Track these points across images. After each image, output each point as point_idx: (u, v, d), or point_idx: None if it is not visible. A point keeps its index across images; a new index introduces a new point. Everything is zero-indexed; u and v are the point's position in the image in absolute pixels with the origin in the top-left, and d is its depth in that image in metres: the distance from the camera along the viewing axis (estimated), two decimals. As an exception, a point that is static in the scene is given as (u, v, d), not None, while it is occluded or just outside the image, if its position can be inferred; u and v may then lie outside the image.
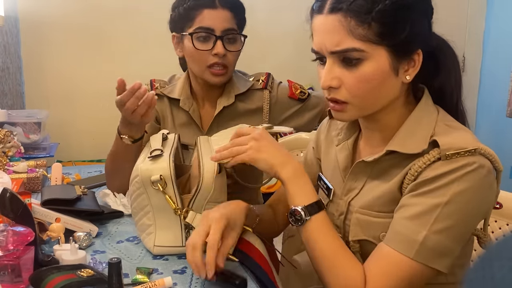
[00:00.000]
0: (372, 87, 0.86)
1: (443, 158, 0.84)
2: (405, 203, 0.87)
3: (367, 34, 0.83)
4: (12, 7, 2.41)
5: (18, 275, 0.88)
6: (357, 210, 0.96)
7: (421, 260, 0.83)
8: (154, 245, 1.06)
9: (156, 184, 1.01)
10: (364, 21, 0.82)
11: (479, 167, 0.83)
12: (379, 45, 0.83)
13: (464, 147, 0.84)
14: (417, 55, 0.87)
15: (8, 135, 1.67)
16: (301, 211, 0.92)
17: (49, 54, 2.64)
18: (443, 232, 0.83)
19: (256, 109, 1.45)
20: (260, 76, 1.48)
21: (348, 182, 0.99)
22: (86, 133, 2.73)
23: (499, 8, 2.86)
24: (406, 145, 0.89)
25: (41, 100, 2.63)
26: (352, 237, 0.96)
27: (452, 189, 0.83)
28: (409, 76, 0.88)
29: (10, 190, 0.98)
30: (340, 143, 1.04)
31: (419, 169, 0.86)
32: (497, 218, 1.19)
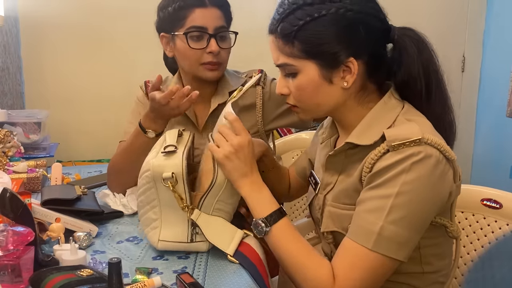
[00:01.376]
0: (308, 94, 0.97)
1: (391, 149, 0.89)
2: (363, 197, 0.92)
3: (293, 52, 0.94)
4: (12, 7, 2.40)
5: (18, 275, 0.88)
6: (329, 203, 1.02)
7: (380, 250, 0.87)
8: (159, 239, 1.06)
9: (167, 182, 1.01)
10: (288, 41, 0.94)
11: (426, 157, 0.87)
12: (306, 60, 0.94)
13: (408, 137, 0.87)
14: (350, 63, 0.93)
15: (8, 135, 1.67)
16: (262, 222, 0.99)
17: (49, 54, 2.63)
18: (398, 222, 0.87)
19: (249, 105, 1.45)
20: (253, 73, 1.49)
21: (325, 177, 1.06)
22: (86, 133, 2.72)
23: (499, 8, 2.86)
24: (362, 138, 0.95)
25: (41, 100, 2.62)
26: (324, 228, 1.03)
27: (401, 180, 0.87)
28: (347, 82, 0.94)
29: (10, 190, 0.98)
30: (324, 141, 1.12)
31: (372, 161, 0.91)
32: (497, 218, 1.19)
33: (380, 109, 0.97)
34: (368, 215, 0.89)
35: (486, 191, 1.21)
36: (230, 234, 1.06)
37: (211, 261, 1.05)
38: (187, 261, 1.05)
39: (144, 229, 1.10)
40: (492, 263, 0.34)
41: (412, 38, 0.97)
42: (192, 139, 1.19)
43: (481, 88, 2.99)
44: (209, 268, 1.02)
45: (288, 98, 1.01)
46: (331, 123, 1.11)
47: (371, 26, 0.94)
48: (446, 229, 0.97)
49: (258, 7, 2.86)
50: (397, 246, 0.88)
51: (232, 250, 1.04)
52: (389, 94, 0.98)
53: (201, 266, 1.03)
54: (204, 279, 0.97)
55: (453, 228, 0.97)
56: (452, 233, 0.98)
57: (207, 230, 1.05)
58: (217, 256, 1.05)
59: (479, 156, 2.91)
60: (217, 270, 1.01)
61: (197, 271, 1.00)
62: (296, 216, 1.88)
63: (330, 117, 1.12)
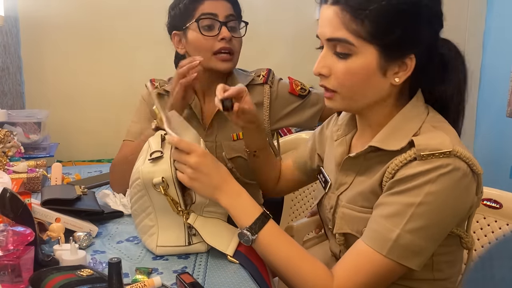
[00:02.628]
0: (358, 81, 0.89)
1: (418, 158, 0.86)
2: (382, 202, 0.89)
3: (359, 30, 0.86)
4: (12, 7, 2.40)
5: (18, 275, 0.88)
6: (344, 205, 0.99)
7: (393, 257, 0.85)
8: (157, 245, 1.05)
9: (158, 187, 1.00)
10: (357, 17, 0.85)
11: (454, 169, 0.85)
12: (369, 43, 0.86)
13: (439, 149, 0.85)
14: (409, 60, 0.88)
15: (8, 135, 1.67)
16: (247, 232, 0.95)
17: (49, 54, 2.63)
18: (416, 231, 0.85)
19: (256, 104, 1.45)
20: (261, 72, 1.49)
21: (339, 177, 1.02)
22: (86, 133, 2.72)
23: (499, 8, 2.86)
24: (388, 142, 0.92)
25: (41, 100, 2.63)
26: (337, 229, 1.00)
27: (426, 190, 0.84)
28: (399, 79, 0.90)
29: (10, 190, 0.98)
30: (338, 138, 1.07)
31: (396, 167, 0.88)
32: (497, 218, 1.19)
33: (407, 112, 0.94)
34: (386, 221, 0.87)
35: (486, 191, 1.21)
36: (228, 234, 1.06)
37: (211, 261, 1.05)
38: (187, 261, 1.05)
39: (142, 237, 1.09)
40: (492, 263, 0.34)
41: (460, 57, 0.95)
42: None
43: (481, 88, 2.99)
44: (209, 268, 1.01)
45: (326, 80, 0.93)
46: (347, 120, 1.07)
47: (435, 28, 0.91)
48: (460, 239, 0.95)
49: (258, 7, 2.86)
50: (411, 255, 0.86)
51: (232, 251, 1.04)
52: (417, 98, 0.95)
53: (201, 266, 1.03)
54: (204, 279, 0.97)
55: (468, 239, 0.95)
56: (467, 244, 0.96)
57: (205, 232, 1.04)
58: (217, 256, 1.05)
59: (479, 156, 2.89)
60: (217, 270, 1.01)
61: (197, 271, 1.00)
62: (296, 216, 1.88)
63: (347, 114, 1.08)
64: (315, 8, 3.09)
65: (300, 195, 1.87)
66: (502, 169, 2.71)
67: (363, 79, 0.89)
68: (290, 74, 1.58)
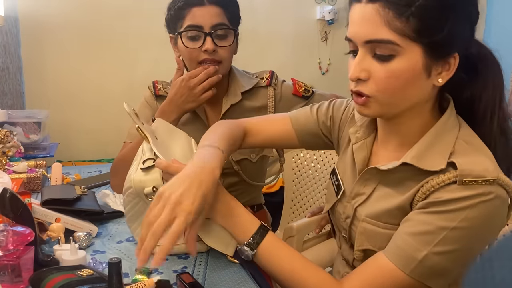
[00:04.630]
0: (401, 84, 0.82)
1: (459, 183, 0.81)
2: (412, 218, 0.85)
3: (404, 28, 0.79)
4: (12, 7, 2.40)
5: (18, 275, 0.88)
6: (364, 219, 0.93)
7: (417, 277, 0.82)
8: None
9: (150, 196, 0.99)
10: (402, 14, 0.78)
11: (495, 198, 0.80)
12: (415, 42, 0.80)
13: (483, 176, 0.80)
14: (453, 59, 0.83)
15: (8, 135, 1.67)
16: (246, 248, 0.91)
17: (49, 54, 2.64)
18: (444, 254, 0.81)
19: (261, 106, 1.45)
20: (264, 74, 1.49)
21: (356, 186, 0.96)
22: (86, 133, 2.73)
23: (499, 8, 2.86)
24: (424, 160, 0.85)
25: (41, 100, 2.63)
26: (357, 246, 0.95)
27: (463, 216, 0.80)
28: (442, 79, 0.84)
29: (10, 190, 0.98)
30: (358, 142, 0.99)
31: (432, 188, 0.83)
32: (497, 218, 1.19)
33: (442, 126, 0.88)
34: (413, 240, 0.82)
35: (486, 191, 1.21)
36: (227, 234, 1.05)
37: (211, 261, 1.05)
38: (187, 261, 1.05)
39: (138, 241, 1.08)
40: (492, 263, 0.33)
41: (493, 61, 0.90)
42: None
43: (481, 88, 2.99)
44: (209, 268, 1.01)
45: (363, 85, 0.85)
46: (368, 122, 0.99)
47: (473, 26, 0.86)
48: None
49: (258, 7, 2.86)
50: (435, 276, 0.82)
51: (232, 251, 1.04)
52: (451, 109, 0.89)
53: (201, 266, 1.03)
54: (204, 279, 0.97)
55: None
56: None
57: (204, 234, 1.03)
58: (217, 256, 1.05)
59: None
60: (217, 270, 1.01)
61: (197, 271, 1.00)
62: (296, 216, 1.88)
63: None
64: (315, 8, 3.10)
65: (300, 195, 1.87)
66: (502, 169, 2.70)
67: (407, 82, 0.82)
68: (291, 74, 1.58)
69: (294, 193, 1.87)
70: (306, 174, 1.85)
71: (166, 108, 1.32)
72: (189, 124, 1.43)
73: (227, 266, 1.02)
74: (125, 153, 1.39)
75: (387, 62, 0.81)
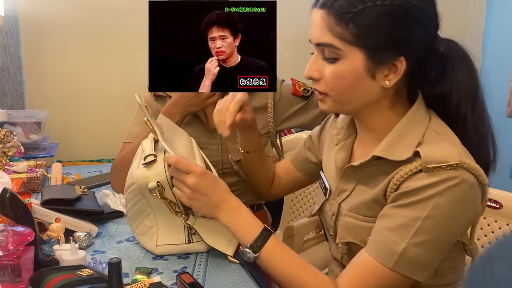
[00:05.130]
0: (346, 85, 0.88)
1: (424, 171, 0.84)
2: (387, 213, 0.88)
3: (344, 34, 0.85)
4: (12, 7, 2.40)
5: (18, 275, 0.88)
6: (346, 213, 0.97)
7: (400, 270, 0.84)
8: (157, 244, 1.05)
9: (154, 191, 1.00)
10: (342, 20, 0.84)
11: (462, 182, 0.83)
12: (355, 46, 0.85)
13: (446, 161, 0.83)
14: (399, 62, 0.86)
15: (8, 135, 1.67)
16: (248, 250, 0.94)
17: (49, 54, 2.64)
18: (422, 245, 0.83)
19: (260, 106, 1.45)
20: None
21: (340, 183, 1.00)
22: (86, 133, 2.73)
23: (499, 8, 2.86)
24: (392, 152, 0.89)
25: (41, 100, 2.63)
26: (339, 239, 0.98)
27: (433, 203, 0.83)
28: (389, 82, 0.88)
29: (10, 190, 0.98)
30: (339, 143, 1.05)
31: (401, 178, 0.86)
32: (497, 218, 1.19)
33: (410, 119, 0.92)
34: (391, 234, 0.85)
35: (486, 191, 1.22)
36: (228, 234, 1.06)
37: (211, 261, 1.05)
38: (187, 261, 1.05)
39: (140, 239, 1.08)
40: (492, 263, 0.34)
41: (461, 55, 0.92)
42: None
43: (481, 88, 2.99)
44: (209, 268, 1.01)
45: (317, 83, 0.92)
46: (348, 124, 1.05)
47: (428, 29, 0.88)
48: (464, 246, 0.94)
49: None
50: (417, 268, 0.85)
51: (232, 251, 1.04)
52: (419, 103, 0.93)
53: (201, 266, 1.03)
54: (204, 279, 0.97)
55: (472, 246, 0.94)
56: (471, 251, 0.95)
57: (205, 233, 1.04)
58: (217, 256, 1.05)
59: (479, 156, 2.90)
60: (217, 270, 1.01)
61: (197, 271, 1.00)
62: (296, 216, 1.88)
63: (347, 117, 1.06)
64: (315, 8, 3.09)
65: (300, 195, 1.87)
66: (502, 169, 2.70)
67: (351, 83, 0.88)
68: (291, 74, 1.57)
69: (294, 193, 1.87)
70: (306, 174, 1.85)
71: (171, 109, 1.33)
72: (189, 124, 1.43)
73: (227, 266, 1.02)
74: (126, 153, 1.39)
75: (333, 64, 0.88)
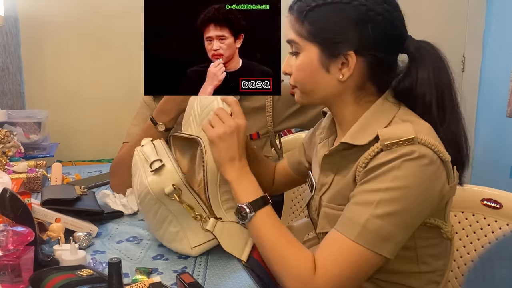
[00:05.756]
0: (306, 76, 0.97)
1: (384, 149, 0.89)
2: (355, 192, 0.92)
3: (301, 31, 0.95)
4: (12, 7, 2.40)
5: (18, 275, 0.88)
6: (325, 204, 1.02)
7: (363, 243, 0.86)
8: (191, 247, 1.05)
9: (172, 195, 1.00)
10: (299, 19, 0.95)
11: (420, 156, 0.86)
12: (310, 41, 0.95)
13: (402, 136, 0.87)
14: (349, 57, 0.93)
15: (8, 135, 1.67)
16: (246, 207, 0.97)
17: (49, 54, 2.64)
18: (385, 217, 0.86)
19: (259, 107, 1.45)
20: None
21: (321, 178, 1.05)
22: (86, 133, 2.72)
23: (499, 8, 2.87)
24: (357, 138, 0.95)
25: (41, 100, 2.63)
26: (319, 229, 1.03)
27: (392, 175, 0.86)
28: (343, 75, 0.94)
29: (10, 190, 0.98)
30: (321, 141, 1.10)
31: (366, 160, 0.91)
32: (497, 218, 1.19)
33: (376, 109, 0.97)
34: (356, 207, 0.89)
35: (486, 191, 1.21)
36: (243, 239, 1.06)
37: (211, 261, 1.05)
38: (187, 261, 1.05)
39: (171, 246, 1.08)
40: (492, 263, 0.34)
41: (431, 54, 0.96)
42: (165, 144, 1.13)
43: (481, 88, 2.99)
44: (209, 268, 1.02)
45: (290, 78, 1.01)
46: (329, 123, 1.10)
47: (381, 28, 0.93)
48: (440, 230, 0.97)
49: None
50: (380, 241, 0.87)
51: (246, 256, 1.04)
52: (386, 95, 0.98)
53: (201, 266, 1.03)
54: (204, 279, 0.97)
55: (447, 229, 0.97)
56: (447, 234, 0.97)
57: (222, 238, 1.04)
58: (217, 256, 1.05)
59: (479, 156, 2.91)
60: (217, 270, 1.01)
61: (197, 271, 1.00)
62: (296, 216, 1.88)
63: (328, 117, 1.12)
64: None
65: (300, 195, 1.87)
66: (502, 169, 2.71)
67: (309, 75, 0.96)
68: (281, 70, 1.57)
69: (294, 193, 1.87)
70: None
71: (165, 106, 1.32)
72: None
73: (227, 266, 1.02)
74: (124, 153, 1.39)
75: (296, 57, 0.97)
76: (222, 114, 1.03)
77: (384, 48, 0.95)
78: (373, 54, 0.94)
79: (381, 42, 0.94)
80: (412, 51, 0.96)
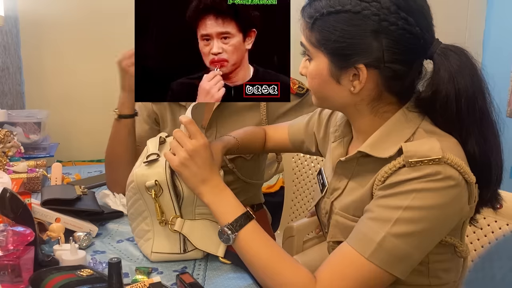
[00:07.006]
0: (317, 84, 0.93)
1: (407, 165, 0.83)
2: (371, 206, 0.87)
3: (311, 37, 0.90)
4: (12, 7, 2.40)
5: (18, 275, 0.88)
6: (337, 212, 0.97)
7: (376, 261, 0.82)
8: (152, 251, 1.04)
9: (151, 190, 0.98)
10: (308, 25, 0.90)
11: (445, 178, 0.81)
12: (319, 49, 0.89)
13: (428, 155, 0.82)
14: (360, 70, 0.86)
15: (8, 135, 1.67)
16: (227, 229, 0.92)
17: (49, 54, 2.63)
18: (402, 236, 0.82)
19: (253, 104, 1.44)
20: None
21: (333, 181, 1.01)
22: (86, 133, 2.72)
23: (499, 8, 2.86)
24: (377, 149, 0.89)
25: (41, 100, 2.62)
26: (330, 237, 0.99)
27: (413, 194, 0.82)
28: (354, 88, 0.88)
29: (10, 190, 0.98)
30: (336, 140, 1.05)
31: (386, 174, 0.86)
32: (497, 218, 1.19)
33: (397, 119, 0.91)
34: (372, 223, 0.84)
35: (486, 191, 1.21)
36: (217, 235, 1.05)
37: (211, 261, 1.05)
38: (187, 261, 1.05)
39: (138, 241, 1.08)
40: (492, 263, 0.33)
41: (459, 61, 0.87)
42: None
43: (481, 88, 2.98)
44: (209, 268, 1.01)
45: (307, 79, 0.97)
46: (345, 122, 1.04)
47: (396, 39, 0.85)
48: (455, 248, 0.93)
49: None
50: (394, 260, 0.83)
51: (222, 252, 1.02)
52: (407, 107, 0.91)
53: (201, 266, 1.03)
54: (204, 279, 0.97)
55: (462, 248, 0.93)
56: (461, 253, 0.93)
57: (193, 237, 1.02)
58: (217, 256, 1.05)
59: (479, 156, 2.90)
60: (217, 270, 1.01)
61: (197, 271, 1.00)
62: (296, 216, 1.88)
63: (344, 115, 1.04)
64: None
65: (300, 195, 1.87)
66: (502, 169, 2.70)
67: (320, 84, 0.92)
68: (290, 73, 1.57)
69: (294, 193, 1.87)
70: (306, 174, 1.85)
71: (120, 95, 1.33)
72: None
73: (227, 266, 1.02)
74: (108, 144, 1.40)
75: (310, 63, 0.92)
76: (180, 137, 0.98)
77: (400, 59, 0.86)
78: (388, 66, 0.86)
79: (397, 53, 0.86)
80: (436, 57, 0.88)
